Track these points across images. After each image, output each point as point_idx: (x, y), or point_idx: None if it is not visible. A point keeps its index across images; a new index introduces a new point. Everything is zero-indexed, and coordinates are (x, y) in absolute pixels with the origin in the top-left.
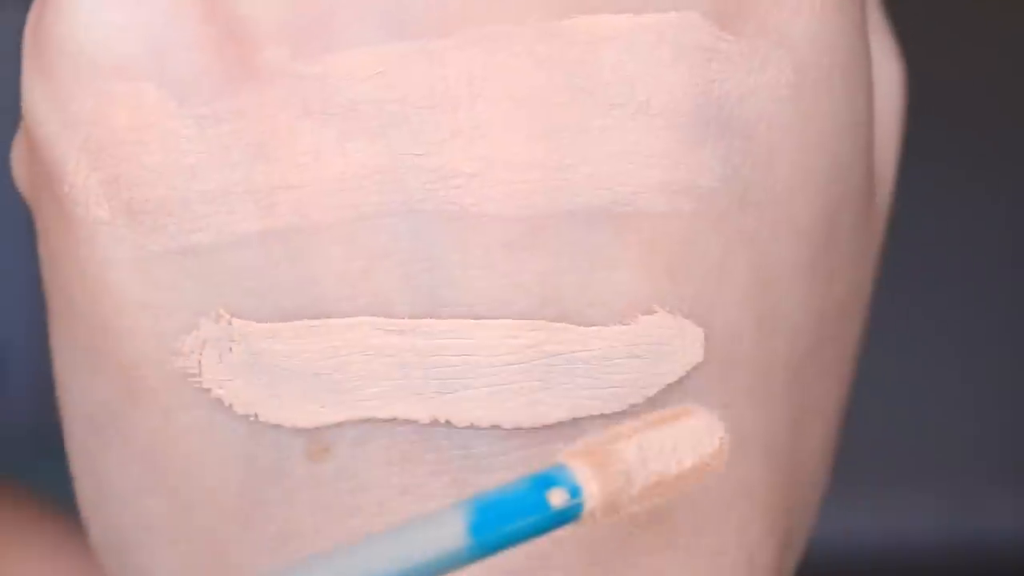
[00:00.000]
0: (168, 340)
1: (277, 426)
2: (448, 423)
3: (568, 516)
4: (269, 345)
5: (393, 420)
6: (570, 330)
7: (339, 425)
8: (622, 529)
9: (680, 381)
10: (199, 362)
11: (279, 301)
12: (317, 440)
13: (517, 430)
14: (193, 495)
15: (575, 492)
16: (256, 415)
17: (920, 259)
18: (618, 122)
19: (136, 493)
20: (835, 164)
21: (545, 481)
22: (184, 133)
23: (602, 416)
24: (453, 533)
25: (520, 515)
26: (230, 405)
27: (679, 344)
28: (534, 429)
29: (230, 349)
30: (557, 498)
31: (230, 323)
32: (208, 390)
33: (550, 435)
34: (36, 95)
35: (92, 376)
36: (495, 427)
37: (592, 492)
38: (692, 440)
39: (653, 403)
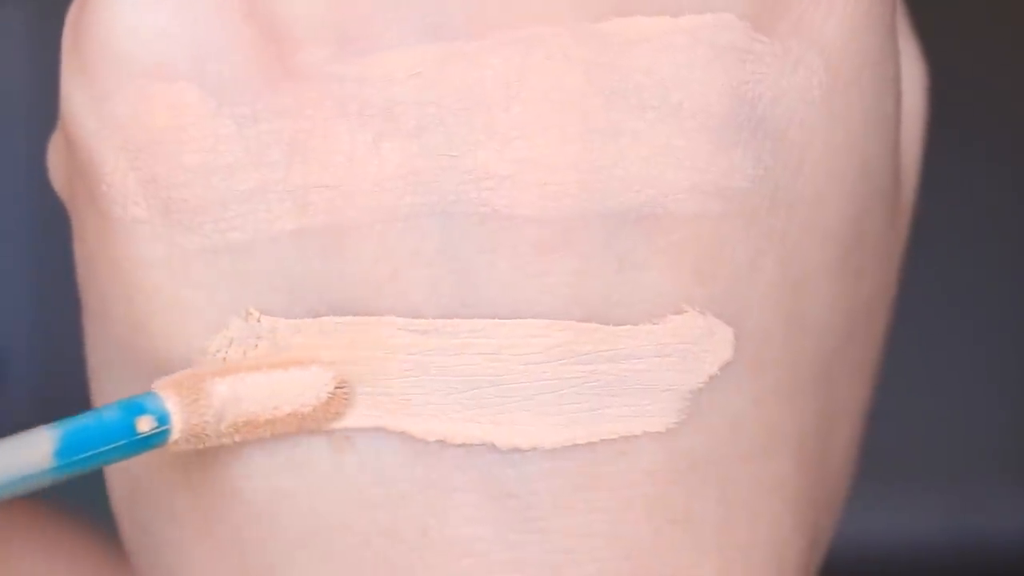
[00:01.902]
0: (198, 339)
1: None
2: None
3: (153, 441)
4: (295, 341)
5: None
6: (599, 330)
7: None
8: (653, 524)
9: (710, 380)
10: (224, 360)
11: (309, 300)
12: (340, 432)
13: None
14: (218, 491)
15: (163, 419)
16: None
17: (921, 259)
18: (651, 124)
19: (164, 490)
20: (864, 164)
21: (134, 408)
22: (223, 133)
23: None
24: (39, 455)
25: (106, 439)
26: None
27: (709, 343)
28: None
29: (255, 346)
30: (144, 424)
31: (259, 320)
32: None
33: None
34: (75, 94)
35: (124, 374)
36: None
37: (177, 422)
38: (294, 390)
39: (683, 401)
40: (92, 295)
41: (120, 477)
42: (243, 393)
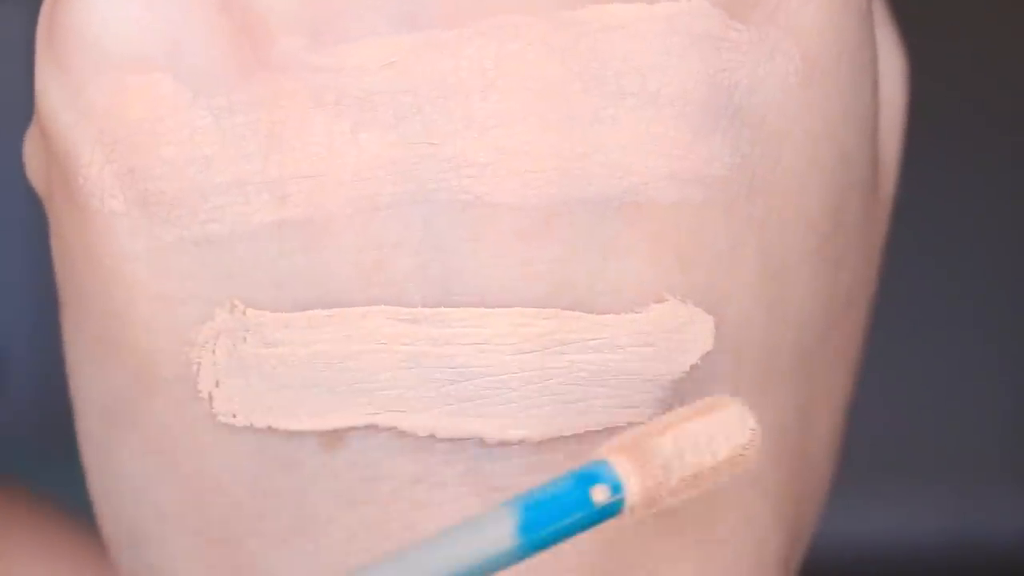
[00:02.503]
0: (183, 331)
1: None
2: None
3: (609, 512)
4: (282, 335)
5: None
6: (582, 318)
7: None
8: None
9: (691, 369)
10: (213, 362)
11: (294, 292)
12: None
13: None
14: (205, 486)
15: (616, 488)
16: (269, 426)
17: (921, 257)
18: (629, 111)
19: (149, 485)
20: (842, 152)
21: (588, 478)
22: (199, 124)
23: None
24: (502, 535)
25: (565, 514)
26: (233, 415)
27: (690, 332)
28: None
29: (244, 339)
30: (600, 495)
31: (244, 313)
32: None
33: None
34: (50, 87)
35: (105, 368)
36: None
37: (632, 487)
38: (726, 431)
39: (664, 391)
40: (70, 289)
41: (101, 474)
42: (685, 446)
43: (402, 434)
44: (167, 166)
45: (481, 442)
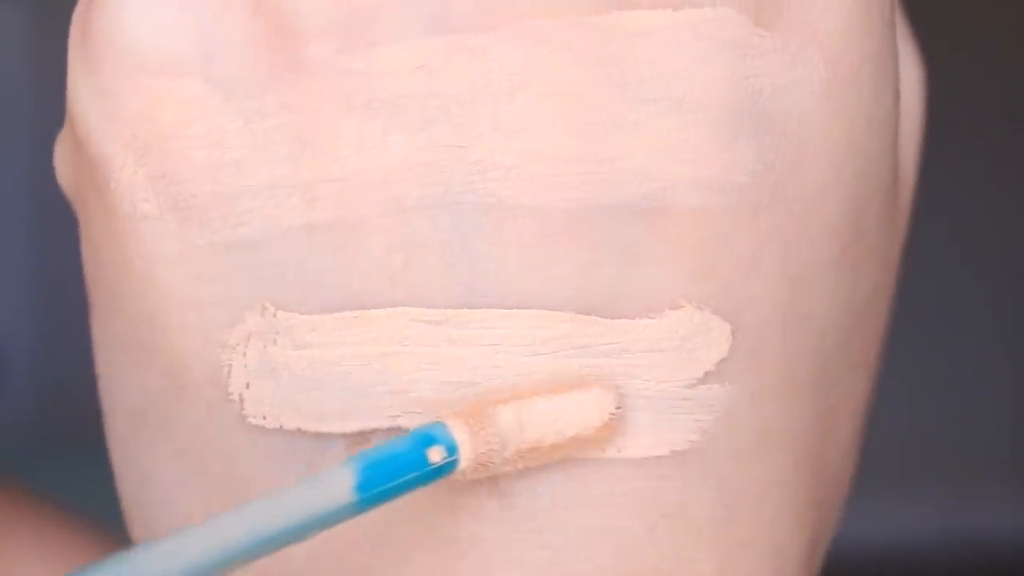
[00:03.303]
0: (214, 334)
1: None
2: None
3: (442, 471)
4: (311, 337)
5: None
6: (597, 323)
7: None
8: (647, 519)
9: (706, 376)
10: (243, 364)
11: (322, 294)
12: (357, 433)
13: None
14: (235, 488)
15: (452, 450)
16: (299, 428)
17: (920, 259)
18: (653, 117)
19: (178, 486)
20: (863, 160)
21: (425, 439)
22: (230, 128)
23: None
24: (341, 490)
25: (401, 472)
26: (263, 416)
27: (705, 339)
28: None
29: (274, 341)
30: (436, 455)
31: (275, 316)
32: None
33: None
34: (83, 91)
35: (136, 371)
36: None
37: (466, 451)
38: (578, 412)
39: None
40: (101, 293)
41: (130, 476)
42: (527, 419)
43: None
44: (198, 170)
45: None
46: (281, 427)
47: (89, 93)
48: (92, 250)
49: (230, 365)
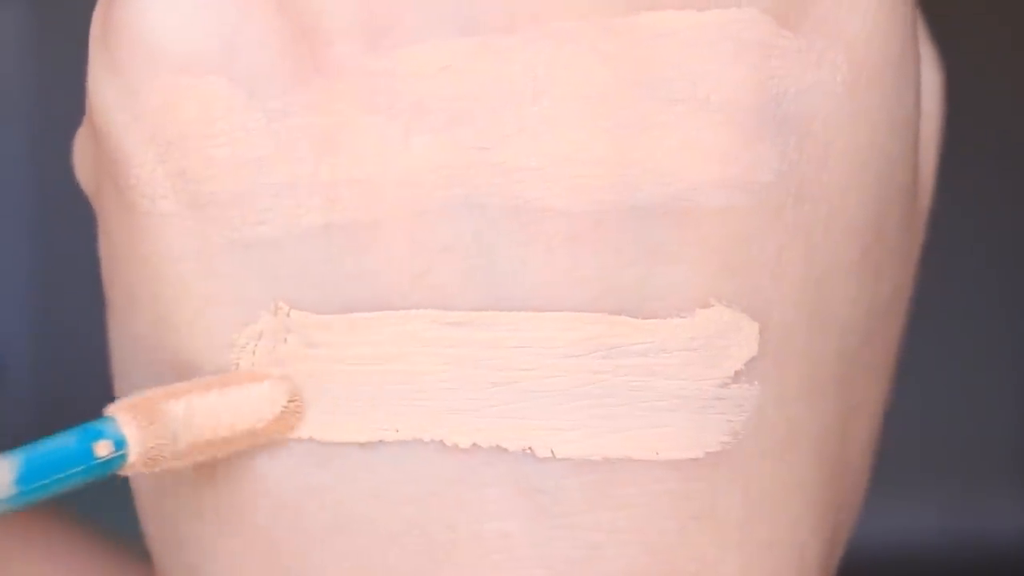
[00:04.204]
0: (227, 332)
1: None
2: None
3: (111, 465)
4: (325, 337)
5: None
6: (628, 323)
7: None
8: (678, 520)
9: (736, 375)
10: (252, 364)
11: (341, 295)
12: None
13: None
14: (245, 485)
15: (119, 444)
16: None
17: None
18: (679, 118)
19: (189, 484)
20: (885, 161)
21: (92, 433)
22: (253, 126)
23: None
24: (1, 482)
25: (66, 465)
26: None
27: (735, 338)
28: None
29: (285, 341)
30: (102, 449)
31: (288, 315)
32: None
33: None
34: (104, 87)
35: (151, 369)
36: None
37: (134, 445)
38: (249, 405)
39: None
40: (118, 291)
41: (144, 474)
42: (198, 412)
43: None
44: (219, 167)
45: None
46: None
47: (110, 89)
48: (109, 247)
49: (238, 364)
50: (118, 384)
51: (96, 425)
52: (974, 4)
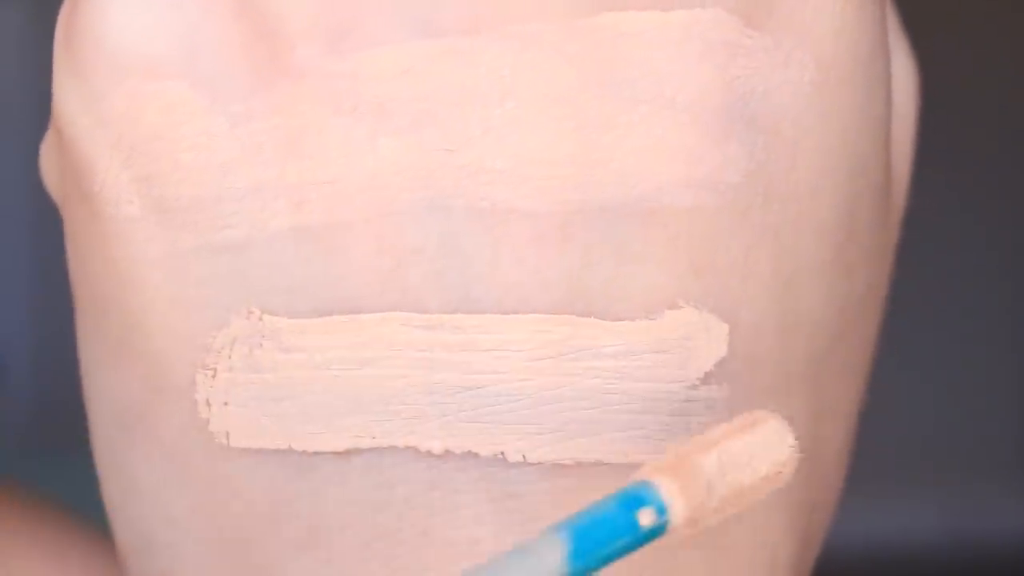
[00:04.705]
0: (199, 337)
1: None
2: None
3: (655, 534)
4: (299, 342)
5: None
6: (597, 325)
7: None
8: None
9: (707, 376)
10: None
11: (310, 298)
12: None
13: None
14: (219, 492)
15: (662, 510)
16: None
17: (920, 259)
18: (645, 118)
19: (162, 490)
20: (856, 159)
21: (634, 501)
22: (216, 131)
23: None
24: (554, 561)
25: (613, 538)
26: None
27: (704, 339)
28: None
29: (260, 345)
30: (646, 518)
31: (260, 319)
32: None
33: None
34: (68, 93)
35: (120, 373)
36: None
37: (677, 508)
38: (766, 447)
39: (676, 398)
40: (85, 294)
41: (114, 478)
42: (727, 464)
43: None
44: (184, 172)
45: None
46: (269, 448)
47: (74, 96)
48: (77, 252)
49: (214, 369)
50: (87, 382)
51: (637, 492)
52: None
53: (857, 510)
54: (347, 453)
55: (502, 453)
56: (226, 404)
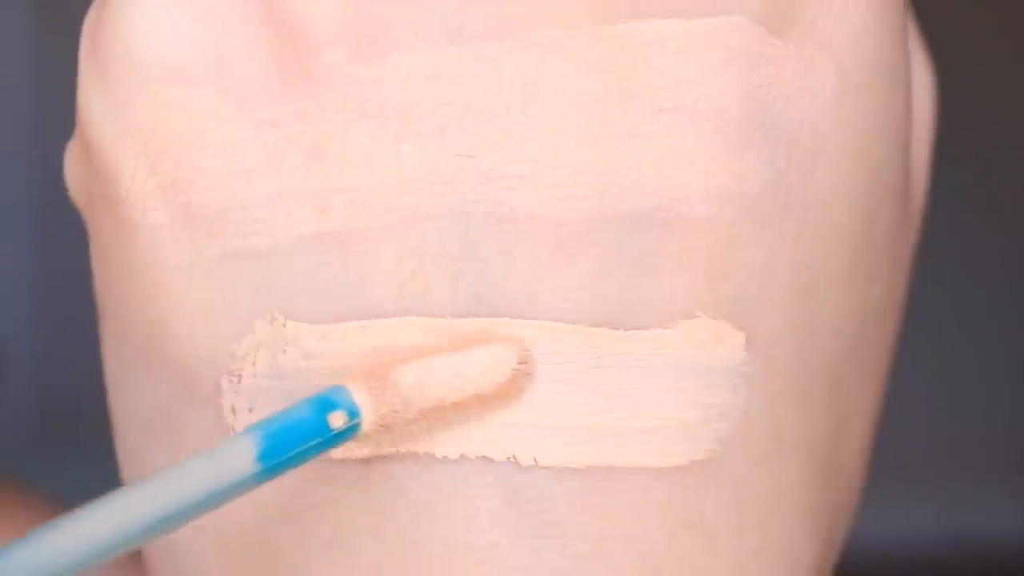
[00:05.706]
0: (224, 343)
1: None
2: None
3: (345, 436)
4: (320, 347)
5: None
6: (610, 334)
7: None
8: (667, 529)
9: (721, 385)
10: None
11: (332, 303)
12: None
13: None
14: (244, 499)
15: (353, 414)
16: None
17: (919, 259)
18: (666, 126)
19: None
20: (875, 167)
21: (326, 404)
22: (242, 137)
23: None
24: (243, 461)
25: (304, 439)
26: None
27: (720, 348)
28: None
29: (284, 351)
30: (337, 420)
31: (284, 325)
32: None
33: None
34: (94, 100)
35: (145, 380)
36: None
37: (368, 414)
38: (479, 370)
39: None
40: (110, 301)
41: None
42: (428, 378)
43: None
44: (210, 179)
45: (513, 458)
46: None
47: (100, 103)
48: (102, 259)
49: (240, 375)
50: (112, 390)
51: (329, 396)
52: (969, 4)
53: (857, 510)
54: (369, 460)
55: (514, 456)
56: (251, 410)
